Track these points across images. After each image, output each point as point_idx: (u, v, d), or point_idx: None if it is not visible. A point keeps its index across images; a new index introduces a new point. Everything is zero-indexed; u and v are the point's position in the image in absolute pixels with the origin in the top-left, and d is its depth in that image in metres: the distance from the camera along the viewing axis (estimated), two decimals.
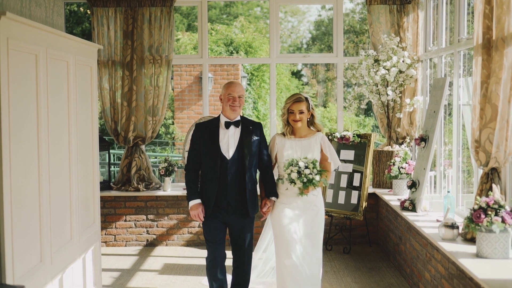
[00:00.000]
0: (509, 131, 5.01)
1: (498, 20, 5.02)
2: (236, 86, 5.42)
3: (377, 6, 8.49)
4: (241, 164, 5.32)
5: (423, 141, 6.84)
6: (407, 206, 6.70)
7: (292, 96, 5.62)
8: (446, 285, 5.30)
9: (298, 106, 5.51)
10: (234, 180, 5.30)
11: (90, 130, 5.29)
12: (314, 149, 5.55)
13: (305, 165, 5.28)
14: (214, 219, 5.34)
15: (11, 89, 3.64)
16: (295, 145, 5.56)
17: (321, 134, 5.65)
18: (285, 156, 5.52)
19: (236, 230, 5.40)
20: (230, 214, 5.33)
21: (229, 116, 5.39)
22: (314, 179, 5.26)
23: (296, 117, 5.50)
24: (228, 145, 5.32)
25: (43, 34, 4.16)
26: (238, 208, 5.33)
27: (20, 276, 3.75)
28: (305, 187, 5.26)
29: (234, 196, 5.30)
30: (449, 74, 7.20)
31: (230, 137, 5.35)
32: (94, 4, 8.45)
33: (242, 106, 5.44)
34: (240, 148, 5.33)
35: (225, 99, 5.38)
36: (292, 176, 5.27)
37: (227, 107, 5.36)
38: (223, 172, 5.27)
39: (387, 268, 7.27)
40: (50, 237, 4.28)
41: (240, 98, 5.39)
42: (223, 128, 5.37)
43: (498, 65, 5.02)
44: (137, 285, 6.73)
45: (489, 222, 4.64)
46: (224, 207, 5.30)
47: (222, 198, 5.29)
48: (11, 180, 3.63)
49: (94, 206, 5.40)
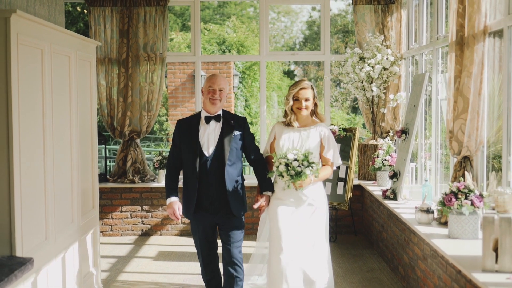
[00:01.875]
0: (479, 121, 5.41)
1: (469, 18, 5.42)
2: (217, 79, 5.13)
3: (362, 6, 8.88)
4: (221, 161, 5.05)
5: (404, 133, 7.23)
6: (388, 195, 7.09)
7: (297, 82, 5.33)
8: (421, 266, 5.69)
9: (304, 93, 5.23)
10: (215, 179, 5.04)
11: (89, 120, 5.65)
12: (312, 140, 5.27)
13: (295, 157, 4.96)
14: (199, 220, 5.13)
15: (20, 80, 4.00)
16: (293, 136, 5.28)
17: (323, 125, 5.37)
18: (281, 146, 5.26)
19: (224, 229, 5.16)
20: (214, 215, 5.10)
21: (209, 110, 5.12)
22: (303, 173, 4.92)
23: (302, 105, 5.22)
24: (208, 142, 5.07)
25: (48, 30, 4.53)
26: (222, 208, 5.08)
27: (28, 250, 4.11)
28: (293, 180, 4.94)
29: (216, 195, 5.05)
30: (429, 70, 7.58)
31: (210, 132, 5.09)
32: (91, 3, 8.81)
33: (223, 100, 5.13)
34: (220, 144, 5.07)
35: (206, 91, 5.11)
36: (280, 168, 4.97)
37: (207, 100, 5.09)
38: (202, 170, 5.03)
39: (370, 255, 7.65)
40: (54, 218, 4.64)
41: (221, 91, 5.09)
42: (203, 124, 5.12)
43: (469, 61, 5.42)
44: (133, 270, 7.10)
45: (459, 205, 5.01)
46: (206, 207, 5.07)
47: (204, 197, 5.05)
48: (20, 163, 3.99)
49: (93, 192, 5.75)
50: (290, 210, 5.18)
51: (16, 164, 3.93)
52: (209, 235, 5.19)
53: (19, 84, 3.97)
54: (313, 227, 5.20)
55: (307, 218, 5.19)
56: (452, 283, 4.77)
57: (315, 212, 5.22)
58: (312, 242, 5.18)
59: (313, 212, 5.21)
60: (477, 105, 5.39)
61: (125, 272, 7.00)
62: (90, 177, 5.67)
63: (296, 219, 5.17)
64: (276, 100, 19.43)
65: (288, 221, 5.15)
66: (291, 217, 5.16)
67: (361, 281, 6.60)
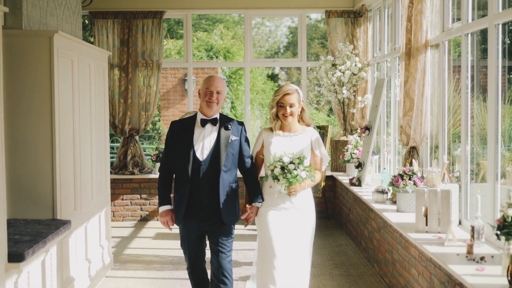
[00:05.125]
0: (423, 118, 6.65)
1: (414, 34, 6.66)
2: (215, 81, 4.90)
3: (334, 19, 10.13)
4: (216, 166, 4.84)
5: (367, 129, 8.48)
6: (354, 182, 8.32)
7: (281, 87, 5.09)
8: (377, 236, 6.92)
9: (288, 98, 5.00)
10: (208, 185, 4.83)
11: (103, 118, 6.82)
12: (304, 146, 5.09)
13: (290, 160, 4.81)
14: (188, 226, 4.95)
15: (60, 84, 5.19)
16: (283, 142, 5.07)
17: (312, 130, 5.19)
18: (272, 153, 5.01)
19: (214, 236, 4.96)
20: (204, 221, 4.90)
21: (205, 113, 4.90)
22: (299, 176, 4.77)
23: (287, 112, 5.00)
24: (203, 146, 4.86)
25: (76, 44, 5.71)
26: (212, 216, 4.87)
27: (64, 216, 5.29)
28: (289, 184, 4.79)
29: (207, 202, 4.84)
30: (389, 76, 8.83)
31: (205, 136, 4.88)
32: (95, 16, 9.99)
33: (221, 103, 4.93)
34: (216, 149, 4.85)
35: (202, 94, 4.90)
36: (275, 172, 4.81)
37: (204, 102, 4.88)
38: (195, 175, 4.82)
39: (340, 234, 8.90)
40: (80, 193, 5.82)
41: (219, 94, 4.88)
42: (198, 127, 4.90)
43: (414, 68, 6.67)
44: (136, 246, 8.30)
45: (404, 185, 6.25)
46: (196, 213, 4.86)
47: (195, 203, 4.85)
48: (60, 149, 5.17)
49: (106, 177, 6.92)
50: (281, 216, 5.00)
51: (57, 150, 5.12)
52: (198, 241, 5.00)
53: (59, 88, 5.16)
54: (303, 234, 5.04)
55: (298, 224, 5.02)
56: (396, 245, 6.01)
57: (305, 218, 5.07)
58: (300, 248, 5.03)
59: (303, 218, 5.06)
60: (421, 105, 6.64)
61: (129, 248, 8.20)
62: (104, 165, 6.84)
63: (286, 224, 5.00)
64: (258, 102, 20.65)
65: (278, 227, 4.98)
66: (281, 223, 4.99)
67: (330, 253, 7.82)
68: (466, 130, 5.69)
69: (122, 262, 7.42)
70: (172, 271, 7.06)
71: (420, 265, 5.27)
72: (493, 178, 5.00)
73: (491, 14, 5.04)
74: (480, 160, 5.85)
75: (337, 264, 7.30)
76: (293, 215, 5.03)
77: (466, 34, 5.69)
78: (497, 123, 4.98)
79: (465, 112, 5.69)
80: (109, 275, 6.84)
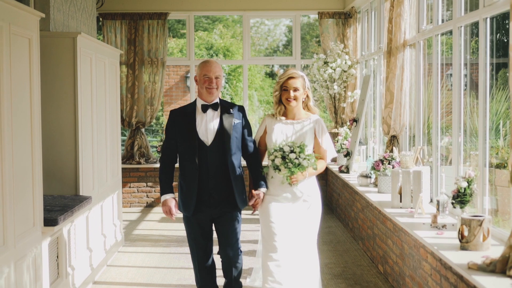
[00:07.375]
0: (401, 110, 7.44)
1: (394, 34, 7.45)
2: (212, 66, 4.80)
3: (326, 20, 10.92)
4: (223, 149, 4.75)
5: (355, 121, 9.26)
6: (343, 170, 9.11)
7: (286, 71, 4.94)
8: (361, 216, 7.71)
9: (292, 82, 4.85)
10: (217, 169, 4.76)
11: (116, 112, 7.61)
12: (307, 134, 4.94)
13: (291, 149, 4.68)
14: (198, 216, 4.87)
15: (82, 81, 5.98)
16: (286, 129, 4.95)
17: (317, 117, 5.02)
18: (274, 140, 4.92)
19: (221, 224, 4.90)
20: (213, 209, 4.82)
21: (206, 99, 4.81)
22: (301, 165, 4.66)
23: (290, 96, 4.84)
24: (207, 130, 4.77)
25: (94, 44, 6.50)
26: (223, 200, 4.81)
27: (86, 193, 6.08)
28: (291, 173, 4.68)
29: (218, 187, 4.77)
30: (375, 72, 9.62)
31: (208, 121, 4.79)
32: (105, 17, 10.77)
33: (220, 87, 4.84)
34: (220, 132, 4.76)
35: (201, 80, 4.79)
36: (276, 161, 4.69)
37: (203, 89, 4.78)
38: (202, 160, 4.72)
39: (330, 218, 9.69)
40: (98, 175, 6.61)
41: (217, 79, 4.78)
42: (200, 112, 4.81)
43: (394, 65, 7.45)
44: (143, 228, 9.11)
45: (384, 168, 7.04)
46: (206, 200, 4.78)
47: (204, 191, 4.76)
48: (82, 136, 5.97)
49: (117, 162, 7.71)
50: (283, 207, 4.92)
51: (80, 136, 5.92)
52: (206, 231, 4.95)
53: (81, 82, 5.96)
54: (307, 224, 4.98)
55: (301, 215, 4.95)
56: (376, 221, 6.81)
57: (310, 208, 5.00)
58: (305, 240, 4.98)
59: (307, 208, 4.98)
60: (400, 98, 7.42)
61: (138, 229, 9.00)
62: (116, 152, 7.62)
63: (289, 215, 4.92)
64: (257, 99, 21.43)
65: (281, 218, 4.89)
66: (284, 214, 4.91)
67: (320, 234, 8.57)
68: (437, 122, 6.48)
69: (132, 240, 8.23)
70: (177, 247, 7.86)
71: (394, 235, 6.07)
72: (456, 161, 5.80)
73: (455, 18, 5.83)
74: (449, 146, 6.65)
75: (325, 242, 8.10)
76: (297, 204, 4.95)
77: (436, 35, 6.48)
78: (460, 115, 5.77)
79: (436, 104, 6.49)
80: (121, 251, 7.65)
